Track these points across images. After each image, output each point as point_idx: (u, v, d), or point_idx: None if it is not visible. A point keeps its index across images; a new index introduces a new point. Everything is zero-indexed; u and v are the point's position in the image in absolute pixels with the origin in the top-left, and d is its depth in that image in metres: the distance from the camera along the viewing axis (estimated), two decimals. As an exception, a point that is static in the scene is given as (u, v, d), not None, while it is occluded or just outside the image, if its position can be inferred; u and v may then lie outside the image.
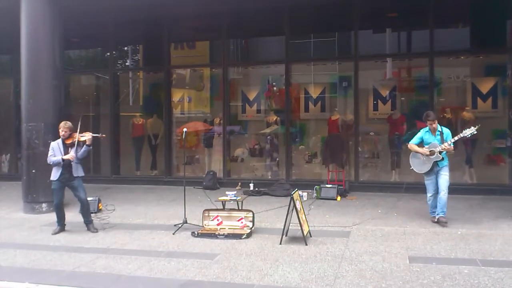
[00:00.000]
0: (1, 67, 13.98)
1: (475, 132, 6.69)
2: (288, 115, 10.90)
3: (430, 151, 6.80)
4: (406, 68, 11.07)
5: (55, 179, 6.71)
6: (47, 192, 8.23)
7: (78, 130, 6.82)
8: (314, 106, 11.45)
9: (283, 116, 11.02)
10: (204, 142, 12.01)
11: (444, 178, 6.80)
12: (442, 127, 6.93)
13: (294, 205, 5.95)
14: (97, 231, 6.82)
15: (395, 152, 10.52)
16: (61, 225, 6.89)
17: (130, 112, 12.78)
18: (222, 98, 11.35)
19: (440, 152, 6.71)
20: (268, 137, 11.43)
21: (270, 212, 7.80)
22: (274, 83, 11.80)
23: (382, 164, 10.83)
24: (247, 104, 11.89)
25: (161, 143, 11.95)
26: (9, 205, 9.09)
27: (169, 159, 11.65)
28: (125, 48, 13.24)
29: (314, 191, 9.32)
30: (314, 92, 11.52)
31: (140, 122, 12.44)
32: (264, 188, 9.89)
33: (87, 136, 6.68)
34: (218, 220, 6.70)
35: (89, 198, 7.20)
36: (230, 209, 6.89)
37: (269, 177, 11.24)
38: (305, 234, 5.99)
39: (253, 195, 9.41)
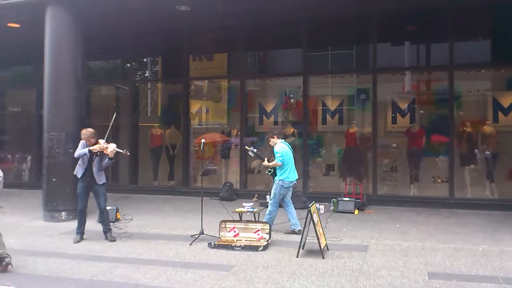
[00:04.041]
0: (24, 78, 14.30)
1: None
2: (306, 127, 10.88)
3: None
4: (425, 81, 10.97)
5: (78, 175, 6.83)
6: (66, 201, 8.40)
7: (106, 137, 6.94)
8: (332, 118, 11.42)
9: (301, 128, 10.99)
10: (221, 153, 12.06)
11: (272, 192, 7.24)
12: (277, 146, 7.26)
13: (311, 218, 5.91)
14: (114, 240, 6.89)
15: (414, 165, 10.39)
16: (81, 232, 6.97)
17: (149, 123, 12.92)
18: (240, 110, 11.42)
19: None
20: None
21: (286, 225, 7.73)
22: (291, 95, 11.81)
23: (401, 177, 10.70)
24: (264, 116, 11.91)
25: (179, 154, 12.04)
26: (29, 213, 9.23)
27: (187, 169, 11.71)
28: (145, 60, 13.44)
29: (332, 204, 9.24)
30: (332, 105, 11.50)
31: (158, 133, 12.57)
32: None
33: (111, 149, 6.77)
34: (234, 231, 6.70)
35: (107, 207, 7.27)
36: (247, 220, 6.89)
37: (286, 189, 11.18)
38: (322, 248, 5.94)
39: (270, 207, 9.36)
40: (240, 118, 11.38)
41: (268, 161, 7.39)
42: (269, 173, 7.40)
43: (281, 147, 7.24)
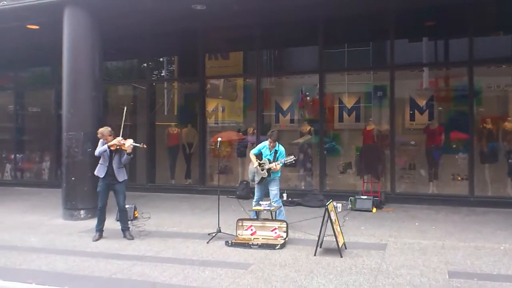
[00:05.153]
0: (43, 79, 14.53)
1: (293, 162, 7.36)
2: (322, 125, 10.82)
3: (260, 165, 7.27)
4: (444, 77, 10.80)
5: (101, 176, 6.91)
6: (85, 199, 8.52)
7: (121, 134, 7.00)
8: (349, 116, 11.32)
9: (317, 126, 10.94)
10: (238, 151, 12.07)
11: (272, 193, 7.31)
12: (280, 146, 7.37)
13: (329, 216, 5.88)
14: (132, 238, 6.95)
15: (433, 163, 10.24)
16: (100, 230, 7.06)
17: (165, 122, 13.00)
18: (256, 108, 11.41)
19: (268, 170, 7.19)
20: (302, 146, 11.36)
21: (304, 223, 7.73)
22: (307, 93, 11.76)
23: (419, 175, 10.56)
24: (280, 114, 11.88)
25: (195, 153, 12.09)
26: (49, 212, 9.38)
27: (203, 168, 11.75)
28: (161, 59, 13.51)
29: (349, 202, 9.18)
30: (349, 102, 11.40)
31: (175, 132, 12.63)
32: (298, 199, 9.83)
33: (128, 144, 6.83)
34: (251, 229, 6.69)
35: (125, 206, 7.33)
36: (264, 219, 6.87)
37: (303, 187, 11.17)
38: (340, 246, 5.90)
39: (286, 206, 9.33)
40: (256, 117, 11.37)
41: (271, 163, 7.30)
42: (267, 172, 7.24)
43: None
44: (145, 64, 12.94)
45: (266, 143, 7.39)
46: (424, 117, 10.59)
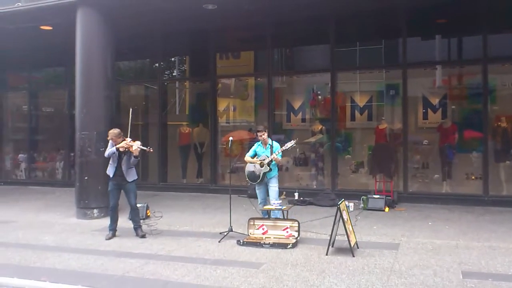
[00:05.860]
0: (57, 79, 14.69)
1: (294, 145, 7.13)
2: (334, 124, 10.76)
3: (260, 162, 7.15)
4: (458, 75, 10.67)
5: (111, 175, 7.02)
6: (98, 198, 8.59)
7: (129, 134, 7.06)
8: (361, 115, 11.24)
9: (329, 125, 10.89)
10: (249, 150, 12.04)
11: (273, 190, 7.20)
12: (273, 141, 7.33)
13: (341, 215, 5.85)
14: (145, 236, 7.00)
15: (446, 162, 10.14)
16: (113, 229, 7.13)
17: (177, 121, 13.06)
18: (267, 107, 11.40)
19: (269, 164, 7.09)
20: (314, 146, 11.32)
21: (315, 222, 7.70)
22: (319, 92, 11.72)
23: (433, 174, 10.45)
24: (291, 113, 11.85)
25: (207, 152, 12.12)
26: (62, 211, 9.48)
27: (215, 167, 11.78)
28: (172, 59, 13.56)
29: (361, 201, 9.13)
30: (361, 101, 11.32)
31: (186, 131, 12.68)
32: (309, 198, 9.80)
33: (135, 147, 6.89)
34: (263, 229, 6.68)
35: (137, 205, 7.39)
36: (275, 218, 6.86)
37: (314, 186, 11.12)
38: (352, 245, 5.86)
39: (298, 205, 9.32)
40: (267, 116, 11.36)
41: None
42: (268, 166, 7.16)
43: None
44: (157, 64, 13.01)
45: (258, 142, 7.43)
46: (437, 116, 10.48)
